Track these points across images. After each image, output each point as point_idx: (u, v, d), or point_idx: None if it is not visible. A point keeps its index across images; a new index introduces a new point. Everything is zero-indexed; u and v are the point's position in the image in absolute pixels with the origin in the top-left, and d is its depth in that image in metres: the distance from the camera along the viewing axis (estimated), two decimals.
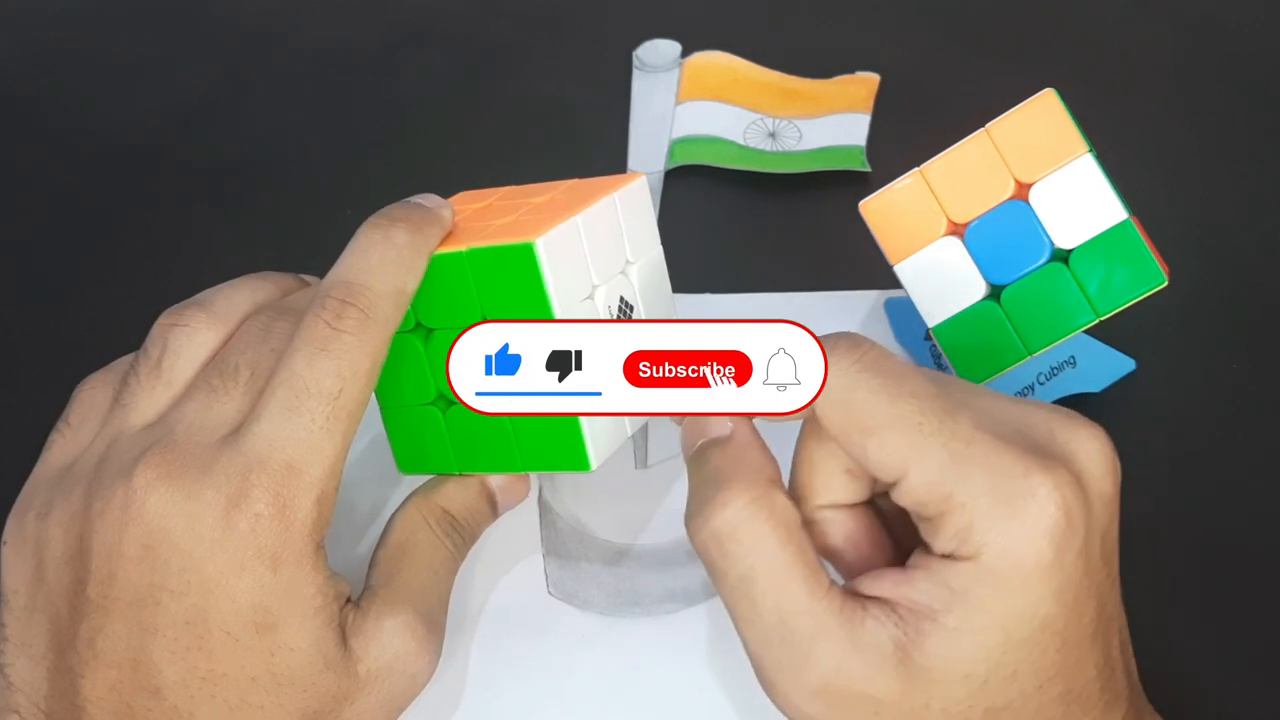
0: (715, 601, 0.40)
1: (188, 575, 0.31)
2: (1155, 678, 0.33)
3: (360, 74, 0.63)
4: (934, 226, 0.40)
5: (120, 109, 0.62)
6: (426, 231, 0.34)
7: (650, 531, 0.41)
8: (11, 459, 0.36)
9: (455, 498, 0.36)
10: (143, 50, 0.66)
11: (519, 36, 0.65)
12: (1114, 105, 0.54)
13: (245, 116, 0.61)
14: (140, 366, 0.34)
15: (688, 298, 0.37)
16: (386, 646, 0.33)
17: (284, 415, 0.31)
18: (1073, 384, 0.45)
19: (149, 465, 0.31)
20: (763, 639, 0.29)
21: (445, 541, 0.36)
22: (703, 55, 0.61)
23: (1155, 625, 0.40)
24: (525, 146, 0.59)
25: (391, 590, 0.34)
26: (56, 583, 0.32)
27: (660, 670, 0.38)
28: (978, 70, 0.61)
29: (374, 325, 0.32)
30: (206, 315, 0.35)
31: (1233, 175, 0.57)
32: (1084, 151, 0.38)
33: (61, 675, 0.31)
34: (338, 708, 0.32)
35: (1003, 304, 0.39)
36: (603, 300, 0.34)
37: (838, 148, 0.57)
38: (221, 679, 0.31)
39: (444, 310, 0.34)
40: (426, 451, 0.36)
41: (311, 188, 0.57)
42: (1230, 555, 0.42)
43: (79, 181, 0.58)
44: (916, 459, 0.28)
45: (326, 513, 0.32)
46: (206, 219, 0.56)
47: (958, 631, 0.28)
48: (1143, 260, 0.38)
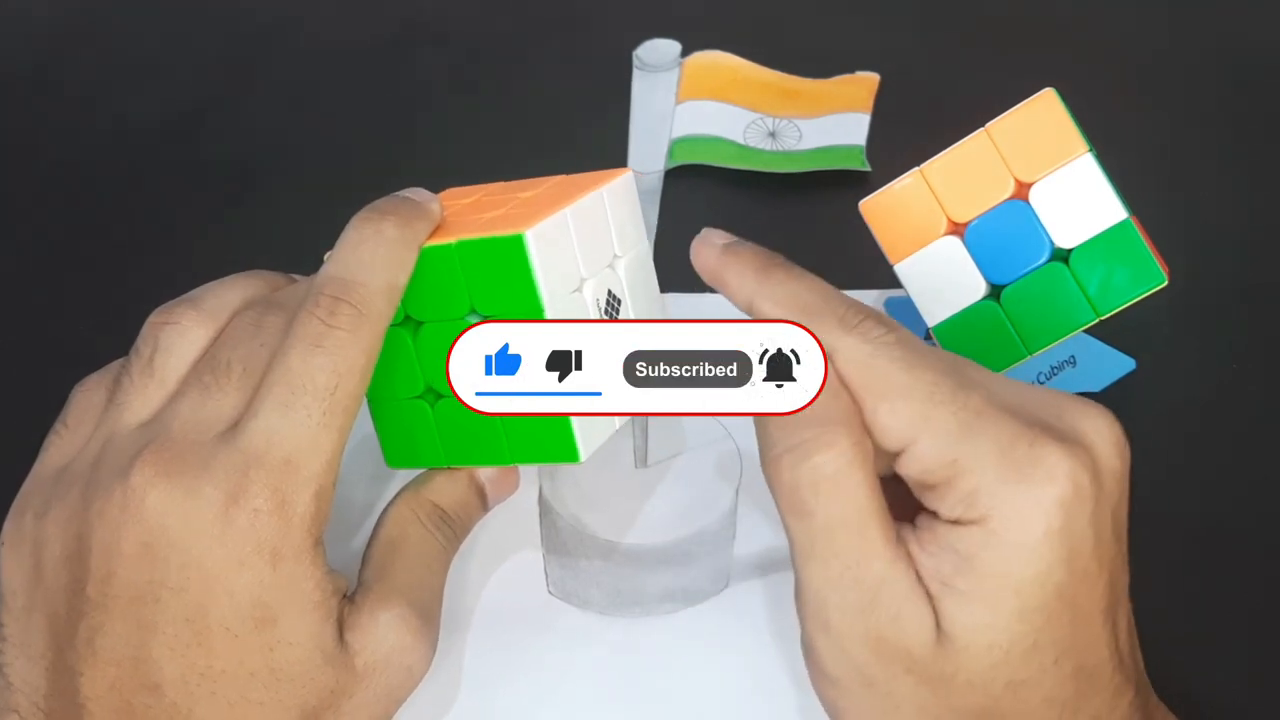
0: (716, 601, 0.40)
1: (187, 572, 0.31)
2: (1156, 674, 0.33)
3: (361, 73, 0.64)
4: (934, 226, 0.40)
5: (121, 108, 0.62)
6: (416, 225, 0.34)
7: (650, 531, 0.41)
8: (10, 460, 0.36)
9: (444, 491, 0.36)
10: (144, 49, 0.66)
11: (519, 36, 0.65)
12: (1114, 105, 0.54)
13: (245, 116, 0.61)
14: (132, 366, 0.34)
15: (688, 297, 0.37)
16: (382, 640, 0.33)
17: (281, 411, 0.31)
18: (1073, 383, 0.45)
19: (146, 463, 0.31)
20: (835, 579, 0.30)
21: (436, 535, 0.36)
22: (703, 55, 0.61)
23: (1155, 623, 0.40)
24: (525, 146, 0.59)
25: (384, 584, 0.34)
26: (55, 582, 0.32)
27: (660, 670, 0.38)
28: (978, 70, 0.61)
29: (367, 321, 0.33)
30: (197, 312, 0.35)
31: (1232, 175, 0.57)
32: (1084, 151, 0.38)
33: (61, 674, 0.31)
34: (336, 703, 0.32)
35: (1003, 304, 0.39)
36: (591, 293, 0.34)
37: (838, 147, 0.57)
38: (221, 675, 0.31)
39: (433, 303, 0.34)
40: (415, 445, 0.36)
41: (311, 187, 0.57)
42: (1231, 554, 0.42)
43: (79, 180, 0.58)
44: (926, 426, 0.29)
45: (325, 508, 0.32)
46: (206, 218, 0.56)
47: (969, 596, 0.29)
48: (1143, 260, 0.38)
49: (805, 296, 0.31)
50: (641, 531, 0.41)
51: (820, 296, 0.31)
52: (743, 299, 0.32)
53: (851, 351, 0.30)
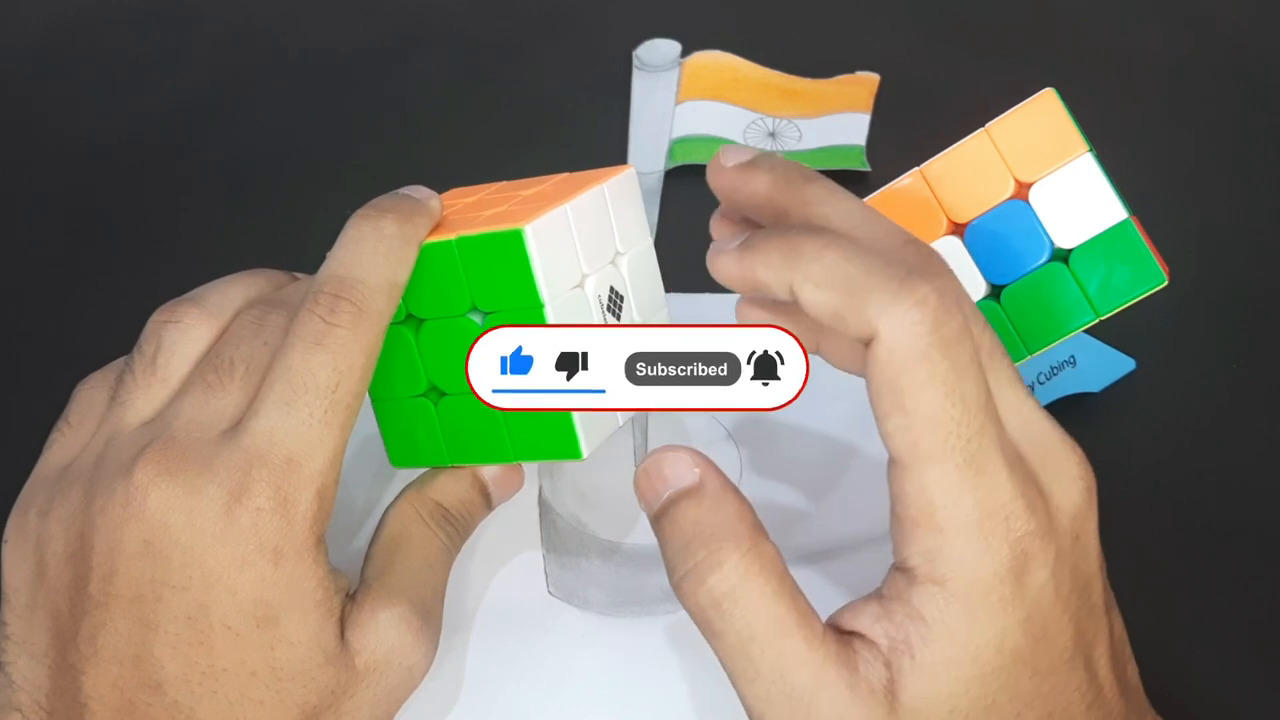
0: None
1: (189, 570, 0.31)
2: (1155, 678, 0.33)
3: (360, 74, 0.64)
4: (934, 226, 0.40)
5: (120, 109, 0.62)
6: (415, 222, 0.34)
7: (650, 531, 0.41)
8: (12, 459, 0.36)
9: (448, 490, 0.36)
10: (143, 50, 0.66)
11: (519, 36, 0.65)
12: (1114, 105, 0.54)
13: (245, 116, 0.61)
14: (135, 364, 0.34)
15: (688, 297, 0.37)
16: (382, 640, 0.33)
17: (282, 410, 0.32)
18: (1073, 384, 0.45)
19: (149, 461, 0.31)
20: (765, 696, 0.29)
21: (438, 534, 0.36)
22: (703, 55, 0.61)
23: (1155, 624, 0.40)
24: (525, 146, 0.59)
25: (385, 583, 0.34)
26: (58, 580, 0.32)
27: (660, 670, 0.38)
28: (978, 70, 0.61)
29: (368, 319, 0.33)
30: (200, 311, 0.35)
31: (1232, 175, 0.57)
32: (1084, 151, 0.38)
33: (63, 672, 0.31)
34: (336, 703, 0.32)
35: (1003, 304, 0.39)
36: (593, 290, 0.34)
37: (838, 147, 0.57)
38: (222, 674, 0.31)
39: (434, 299, 0.34)
40: (418, 444, 0.36)
41: (311, 187, 0.57)
42: (1231, 555, 0.42)
43: (79, 181, 0.58)
44: (926, 463, 0.28)
45: (327, 506, 0.32)
46: (207, 219, 0.56)
47: (934, 667, 0.28)
48: (1143, 260, 0.38)
49: (843, 269, 0.29)
50: (642, 531, 0.41)
51: (864, 266, 0.28)
52: (784, 292, 0.30)
53: (897, 338, 0.28)
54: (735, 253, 0.31)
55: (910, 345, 0.28)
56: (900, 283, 0.28)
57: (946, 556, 0.28)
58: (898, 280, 0.28)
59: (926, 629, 0.28)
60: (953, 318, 0.28)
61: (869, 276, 0.28)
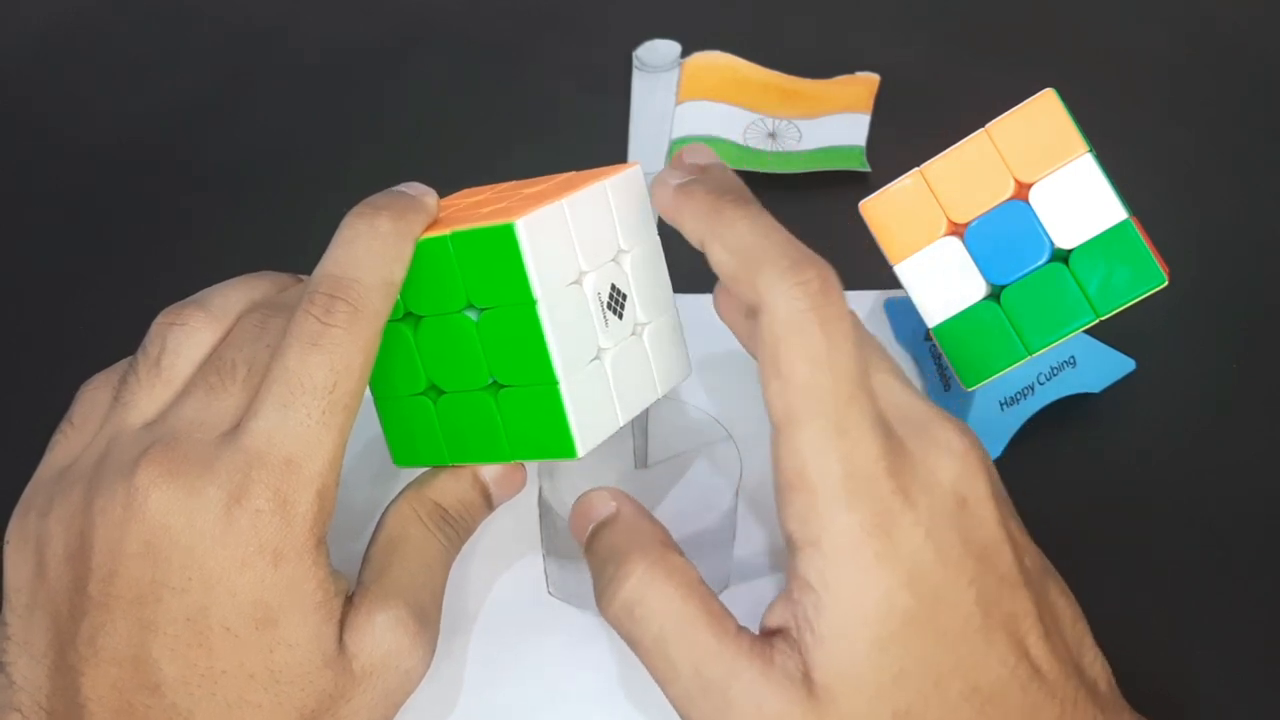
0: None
1: (189, 572, 0.31)
2: (1156, 678, 0.33)
3: (360, 74, 0.64)
4: (934, 226, 0.40)
5: (120, 109, 0.62)
6: (410, 219, 0.34)
7: None
8: (14, 459, 0.36)
9: (447, 490, 0.36)
10: (143, 50, 0.66)
11: (519, 36, 0.65)
12: (1114, 105, 0.54)
13: (245, 116, 0.61)
14: (139, 365, 0.34)
15: (687, 298, 0.37)
16: (378, 643, 0.33)
17: (280, 411, 0.31)
18: (1073, 384, 0.45)
19: (150, 463, 0.31)
20: (685, 695, 0.30)
21: (437, 535, 0.36)
22: (703, 55, 0.62)
23: (1154, 624, 0.40)
24: (525, 146, 0.59)
25: (382, 585, 0.34)
26: (58, 581, 0.32)
27: None
28: (977, 70, 0.61)
29: (364, 317, 0.32)
30: (204, 314, 0.35)
31: (1232, 175, 0.57)
32: (1084, 151, 0.38)
33: (63, 673, 0.31)
34: (334, 706, 0.32)
35: (1003, 304, 0.39)
36: (591, 287, 0.34)
37: (837, 148, 0.57)
38: (221, 676, 0.31)
39: (430, 295, 0.34)
40: (419, 443, 0.36)
41: (312, 187, 0.57)
42: (1230, 555, 0.42)
43: (79, 181, 0.58)
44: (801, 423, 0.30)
45: (328, 506, 0.32)
46: (207, 219, 0.56)
47: (832, 637, 0.29)
48: (1143, 260, 0.38)
49: (749, 239, 0.31)
50: None
51: (766, 243, 0.31)
52: (696, 240, 0.33)
53: (778, 309, 0.30)
54: (673, 190, 0.33)
55: (790, 318, 0.30)
56: (792, 263, 0.30)
57: (817, 514, 0.29)
58: (790, 260, 0.30)
59: (816, 597, 0.29)
60: (832, 303, 0.30)
61: (767, 252, 0.31)
